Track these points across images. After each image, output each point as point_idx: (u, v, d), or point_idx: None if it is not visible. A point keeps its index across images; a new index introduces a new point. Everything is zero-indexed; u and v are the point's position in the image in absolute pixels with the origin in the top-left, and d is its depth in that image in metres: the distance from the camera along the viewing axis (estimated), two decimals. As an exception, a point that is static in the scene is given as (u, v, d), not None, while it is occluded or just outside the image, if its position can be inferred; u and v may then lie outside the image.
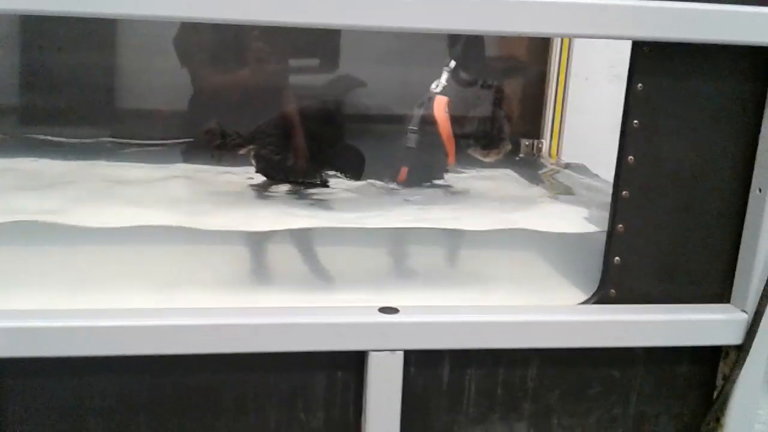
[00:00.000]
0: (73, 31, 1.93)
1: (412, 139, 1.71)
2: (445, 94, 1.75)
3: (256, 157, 1.69)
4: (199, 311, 1.19)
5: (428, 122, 1.71)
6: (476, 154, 1.75)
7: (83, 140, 1.98)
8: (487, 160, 1.77)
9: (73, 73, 1.99)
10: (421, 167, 1.74)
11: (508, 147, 1.76)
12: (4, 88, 1.99)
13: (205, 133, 1.67)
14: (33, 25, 1.95)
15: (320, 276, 1.43)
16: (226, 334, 1.16)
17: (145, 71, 2.01)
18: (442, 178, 1.78)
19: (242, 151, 1.68)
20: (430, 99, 1.74)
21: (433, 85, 1.75)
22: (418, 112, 1.73)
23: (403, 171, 1.72)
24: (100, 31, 1.98)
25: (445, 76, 1.76)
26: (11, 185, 1.64)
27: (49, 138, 1.96)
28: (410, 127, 1.71)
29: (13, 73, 1.99)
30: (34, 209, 1.45)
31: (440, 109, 1.72)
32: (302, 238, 1.52)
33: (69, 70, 1.98)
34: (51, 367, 1.15)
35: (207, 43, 1.93)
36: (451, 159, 1.74)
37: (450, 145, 1.71)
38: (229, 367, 1.20)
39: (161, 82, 1.98)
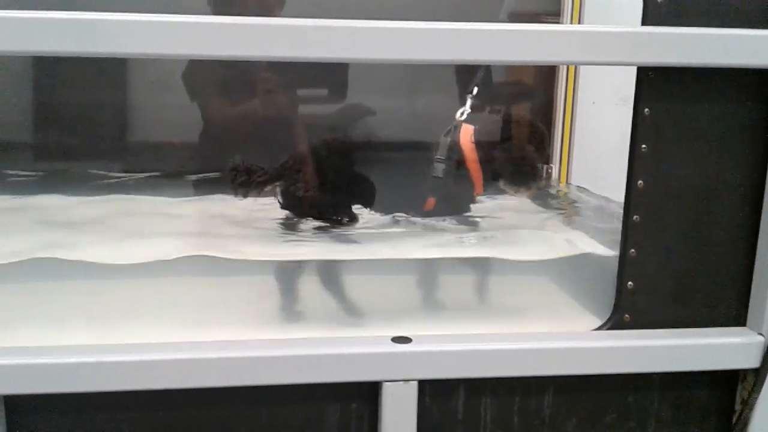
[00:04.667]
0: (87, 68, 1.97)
1: (438, 169, 1.67)
2: (470, 122, 1.72)
3: (283, 193, 1.65)
4: (211, 345, 1.19)
5: (455, 151, 1.67)
6: (508, 188, 1.72)
7: (97, 173, 2.01)
8: (517, 195, 1.74)
9: (86, 110, 2.03)
10: (449, 198, 1.70)
11: (538, 182, 1.73)
12: (17, 125, 2.03)
13: (230, 170, 1.62)
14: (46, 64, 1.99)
15: (347, 309, 1.43)
16: (239, 367, 1.16)
17: (156, 106, 2.04)
18: (469, 210, 1.74)
19: (268, 188, 1.63)
20: (456, 127, 1.71)
21: (458, 114, 1.74)
22: (444, 141, 1.69)
23: (430, 201, 1.70)
24: (112, 69, 2.01)
25: (469, 102, 1.74)
26: (30, 222, 1.65)
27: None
28: (437, 156, 1.68)
29: (27, 110, 2.03)
30: (53, 245, 1.46)
31: (466, 138, 1.70)
32: (327, 270, 1.52)
33: (81, 107, 2.02)
34: (64, 403, 1.15)
35: (215, 78, 1.95)
36: (479, 189, 1.72)
37: (477, 175, 1.68)
38: (241, 400, 1.20)
39: (172, 117, 2.01)
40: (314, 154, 1.70)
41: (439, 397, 1.24)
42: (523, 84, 2.21)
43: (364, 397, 1.21)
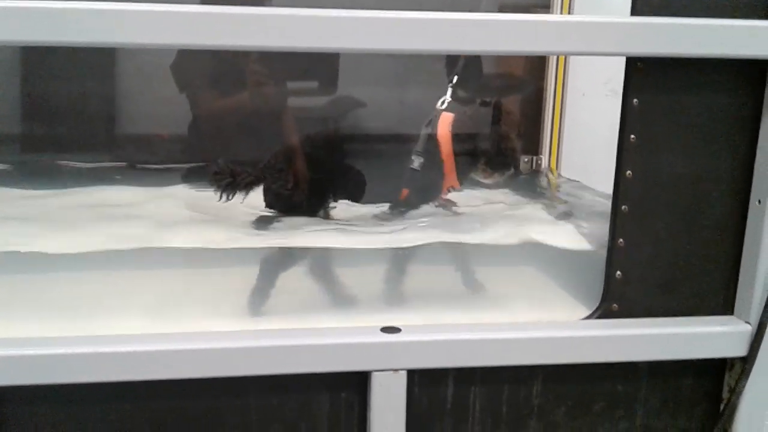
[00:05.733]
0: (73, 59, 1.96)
1: (416, 162, 1.68)
2: (451, 111, 1.71)
3: (266, 192, 1.65)
4: (200, 335, 1.19)
5: (431, 143, 1.66)
6: (477, 175, 1.71)
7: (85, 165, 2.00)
8: (488, 181, 1.74)
9: (73, 101, 2.01)
10: (420, 188, 1.69)
11: (511, 170, 1.72)
12: (4, 117, 2.01)
13: (213, 174, 1.61)
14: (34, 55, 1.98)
15: (334, 297, 1.43)
16: (228, 357, 1.16)
17: (145, 97, 2.02)
18: (435, 198, 1.73)
19: (254, 189, 1.62)
20: (437, 116, 1.69)
21: (439, 102, 1.72)
22: (425, 132, 1.68)
23: (404, 192, 1.70)
24: (101, 60, 2.00)
25: (449, 91, 1.73)
26: (16, 216, 1.64)
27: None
28: (416, 149, 1.67)
29: (14, 101, 2.01)
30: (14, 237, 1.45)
31: (444, 126, 1.68)
32: (316, 259, 1.52)
33: (69, 98, 2.01)
34: (52, 395, 1.15)
35: (204, 69, 1.94)
36: (450, 180, 1.71)
37: (449, 165, 1.69)
38: (231, 390, 1.20)
39: (160, 108, 2.00)
40: (303, 148, 1.70)
41: (428, 387, 1.24)
42: (512, 75, 2.21)
43: (354, 386, 1.21)
